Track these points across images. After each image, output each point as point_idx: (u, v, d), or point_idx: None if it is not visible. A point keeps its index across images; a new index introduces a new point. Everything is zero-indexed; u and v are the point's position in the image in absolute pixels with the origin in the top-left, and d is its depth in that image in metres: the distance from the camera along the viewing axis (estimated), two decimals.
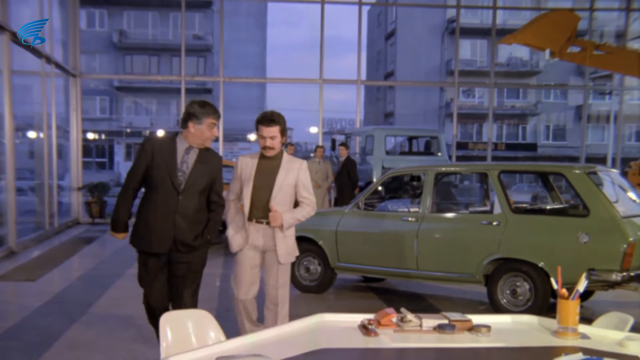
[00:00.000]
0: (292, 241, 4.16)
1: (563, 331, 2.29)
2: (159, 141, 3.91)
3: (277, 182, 4.01)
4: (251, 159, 4.12)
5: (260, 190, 4.02)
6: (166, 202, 3.77)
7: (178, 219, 3.79)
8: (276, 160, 4.06)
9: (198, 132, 3.78)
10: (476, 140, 34.50)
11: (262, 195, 4.02)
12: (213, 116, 3.80)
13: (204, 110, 3.77)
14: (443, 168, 7.31)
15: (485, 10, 29.82)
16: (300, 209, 4.08)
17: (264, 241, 4.09)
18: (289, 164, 4.06)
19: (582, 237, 5.36)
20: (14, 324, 5.36)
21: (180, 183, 3.77)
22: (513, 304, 5.70)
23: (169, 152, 3.80)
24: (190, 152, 3.83)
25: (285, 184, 4.02)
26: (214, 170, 3.92)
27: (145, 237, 3.84)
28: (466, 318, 2.40)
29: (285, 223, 3.99)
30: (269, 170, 4.04)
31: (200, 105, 3.80)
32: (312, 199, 4.10)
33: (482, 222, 5.99)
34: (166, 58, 34.55)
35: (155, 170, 3.77)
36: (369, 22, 39.25)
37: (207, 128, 3.79)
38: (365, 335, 2.28)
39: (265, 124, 3.95)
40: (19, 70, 10.16)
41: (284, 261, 4.09)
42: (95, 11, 34.15)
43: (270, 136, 3.95)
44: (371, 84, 39.22)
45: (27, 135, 13.64)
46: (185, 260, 3.86)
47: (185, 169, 3.80)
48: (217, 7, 30.83)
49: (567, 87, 33.96)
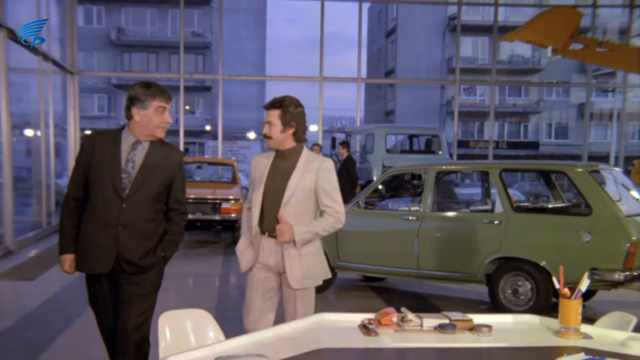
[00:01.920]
0: (311, 261, 3.24)
1: (565, 331, 2.27)
2: (100, 137, 3.17)
3: (289, 185, 3.18)
4: (265, 158, 3.35)
5: (273, 196, 3.22)
6: (106, 211, 3.04)
7: (121, 233, 3.05)
8: (293, 158, 3.26)
9: (144, 120, 3.06)
10: (477, 138, 34.48)
11: (275, 202, 3.21)
12: (161, 97, 3.08)
13: (149, 91, 3.07)
14: (444, 167, 7.29)
15: (486, 7, 29.76)
16: (321, 221, 3.21)
17: (275, 260, 3.24)
18: (307, 163, 3.23)
19: (584, 236, 5.34)
20: (12, 323, 5.34)
21: (124, 187, 3.03)
22: (514, 303, 5.68)
23: (110, 148, 3.09)
24: (137, 148, 3.10)
25: (300, 187, 3.18)
26: (170, 169, 3.17)
27: (82, 256, 3.12)
28: (467, 318, 2.39)
29: (297, 238, 3.13)
30: (282, 171, 3.25)
31: (144, 86, 3.09)
32: (337, 208, 3.21)
33: (484, 221, 5.97)
34: (165, 55, 34.50)
35: (94, 172, 3.06)
36: (370, 19, 39.26)
37: (155, 114, 3.06)
38: (366, 335, 2.26)
39: (266, 107, 3.28)
40: (15, 68, 10.14)
41: (297, 286, 3.19)
42: (92, 8, 34.04)
43: (267, 121, 3.24)
44: (372, 81, 39.20)
45: (24, 134, 13.62)
46: (132, 282, 3.11)
47: (131, 170, 3.07)
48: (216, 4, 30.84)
49: (569, 84, 33.90)
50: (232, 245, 10.37)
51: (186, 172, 13.24)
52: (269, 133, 3.23)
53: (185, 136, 15.35)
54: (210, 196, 10.12)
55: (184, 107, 15.61)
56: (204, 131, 34.43)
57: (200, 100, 35.94)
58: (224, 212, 9.97)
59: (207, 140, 34.76)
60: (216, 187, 10.97)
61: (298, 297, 3.21)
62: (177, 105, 16.07)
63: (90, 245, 3.08)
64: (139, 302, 3.10)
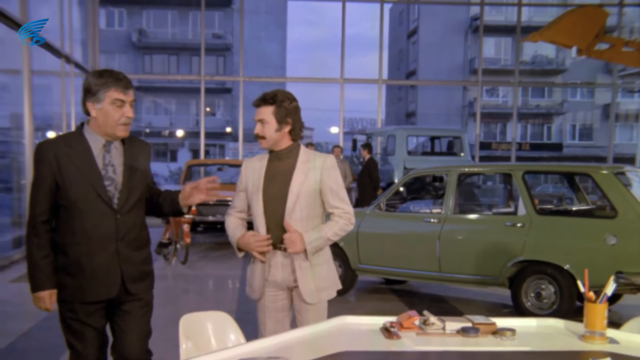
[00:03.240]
0: (324, 271, 2.93)
1: (591, 335, 2.24)
2: (60, 143, 2.64)
3: (291, 189, 2.83)
4: (258, 161, 2.97)
5: (274, 203, 2.86)
6: (101, 227, 2.61)
7: (121, 248, 2.65)
8: (290, 158, 2.90)
9: (101, 116, 2.59)
10: (500, 140, 34.17)
11: (277, 210, 2.85)
12: (116, 87, 2.58)
13: (101, 80, 2.57)
14: (466, 168, 7.23)
15: (510, 7, 29.53)
16: (331, 224, 2.88)
17: (283, 275, 2.89)
18: (307, 162, 2.89)
19: (609, 239, 5.26)
20: (34, 325, 5.40)
21: (111, 196, 2.63)
22: (537, 307, 5.61)
23: (81, 155, 2.61)
24: (111, 150, 2.67)
25: (305, 190, 2.84)
26: (146, 165, 2.83)
27: (80, 284, 2.62)
28: (490, 321, 2.36)
29: (309, 247, 2.80)
30: (280, 174, 2.89)
31: (96, 75, 2.60)
32: (347, 208, 2.91)
33: (506, 224, 5.91)
34: (185, 57, 34.74)
35: (70, 186, 2.57)
36: (391, 20, 39.16)
37: (112, 107, 2.58)
38: (388, 338, 2.25)
39: (256, 104, 2.91)
40: (38, 71, 10.26)
41: (313, 300, 2.87)
42: (114, 10, 34.45)
43: (259, 119, 2.87)
44: (393, 83, 39.09)
45: (47, 136, 13.79)
46: (135, 298, 2.72)
47: (113, 174, 2.65)
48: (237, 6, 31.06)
49: (594, 85, 33.45)
50: None
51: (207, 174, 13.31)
52: (261, 132, 2.87)
53: (206, 138, 15.45)
54: (231, 198, 10.15)
55: (205, 109, 15.71)
56: (224, 133, 34.62)
57: (220, 102, 36.15)
58: None
59: (227, 142, 34.95)
60: None
61: (311, 312, 2.88)
62: (198, 107, 16.17)
63: (89, 270, 2.60)
64: (141, 316, 2.74)
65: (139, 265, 2.73)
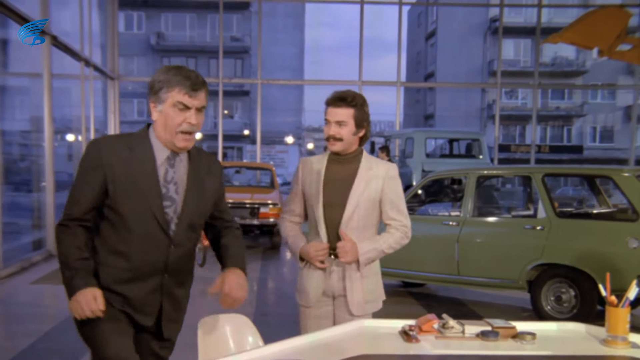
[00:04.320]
0: (372, 284, 2.81)
1: (613, 340, 2.20)
2: (121, 143, 2.20)
3: (352, 196, 2.71)
4: (317, 163, 2.81)
5: (331, 209, 2.74)
6: (148, 255, 2.19)
7: (167, 281, 2.27)
8: (353, 163, 2.77)
9: (161, 120, 2.16)
10: (519, 142, 33.91)
11: (334, 216, 2.73)
12: (181, 87, 2.11)
13: (166, 76, 2.14)
14: (485, 171, 7.18)
15: (529, 9, 29.29)
16: (387, 236, 2.76)
17: (333, 282, 2.78)
18: (369, 170, 2.75)
19: (631, 242, 5.19)
20: (53, 327, 5.44)
21: (169, 221, 2.20)
22: (557, 310, 5.55)
23: (143, 163, 2.17)
24: (175, 164, 2.22)
25: (365, 199, 2.72)
26: (215, 186, 2.36)
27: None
28: (510, 325, 2.33)
29: (362, 258, 2.69)
30: (341, 179, 2.75)
31: (163, 70, 2.19)
32: (404, 221, 2.79)
33: (526, 227, 5.86)
34: (204, 60, 34.97)
35: (121, 198, 2.14)
36: (409, 22, 39.08)
37: (173, 110, 2.13)
38: (406, 342, 2.23)
39: (332, 104, 2.71)
40: (58, 74, 10.38)
41: (358, 312, 2.74)
42: (133, 13, 34.79)
43: (337, 121, 2.69)
44: (411, 85, 38.98)
45: (66, 138, 13.95)
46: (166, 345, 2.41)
47: (175, 195, 2.21)
48: (255, 9, 31.19)
49: (615, 87, 33.06)
50: (269, 250, 10.42)
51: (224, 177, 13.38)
52: (338, 134, 2.68)
53: (224, 140, 15.52)
54: (249, 201, 10.20)
55: (223, 112, 15.79)
56: (242, 135, 34.80)
57: (238, 105, 36.34)
58: (262, 216, 10.04)
59: (245, 144, 35.13)
60: (254, 192, 11.05)
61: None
62: (216, 110, 16.25)
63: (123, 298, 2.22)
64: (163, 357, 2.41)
65: (179, 303, 2.36)
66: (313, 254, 2.73)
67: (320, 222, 2.74)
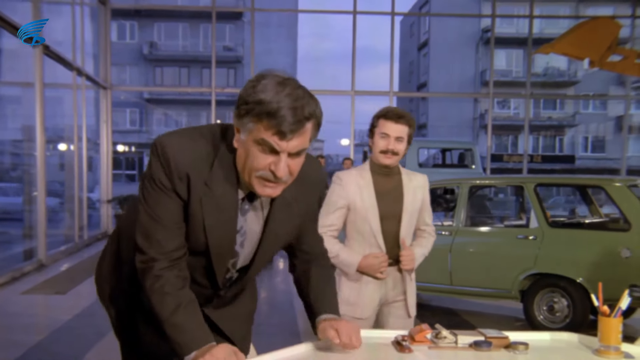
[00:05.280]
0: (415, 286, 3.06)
1: (605, 350, 2.20)
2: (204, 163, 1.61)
3: (405, 207, 2.89)
4: (360, 177, 2.89)
5: (387, 220, 2.88)
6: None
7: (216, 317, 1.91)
8: (396, 175, 2.93)
9: (241, 151, 1.58)
10: (511, 152, 34.05)
11: (390, 227, 2.88)
12: (271, 121, 1.48)
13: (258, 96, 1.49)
14: (477, 181, 7.20)
15: (521, 20, 29.53)
16: (426, 242, 3.07)
17: (395, 291, 2.96)
18: (411, 181, 2.95)
19: (623, 252, 5.21)
20: (45, 337, 5.39)
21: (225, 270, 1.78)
22: (550, 320, 5.56)
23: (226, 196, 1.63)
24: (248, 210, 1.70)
25: (413, 209, 2.92)
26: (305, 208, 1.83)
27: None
28: (503, 335, 2.33)
29: (416, 264, 2.98)
30: (390, 191, 2.89)
31: (260, 88, 1.50)
32: (432, 226, 3.14)
33: (518, 237, 5.87)
34: (196, 70, 34.94)
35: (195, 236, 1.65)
36: (402, 33, 39.26)
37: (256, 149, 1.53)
38: (399, 352, 2.23)
39: (393, 119, 2.80)
40: (50, 83, 10.34)
41: (413, 313, 3.02)
42: (125, 23, 34.68)
43: (397, 136, 2.80)
44: (404, 95, 39.10)
45: (58, 148, 13.89)
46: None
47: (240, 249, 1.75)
48: (247, 19, 31.29)
49: (607, 97, 33.30)
50: None
51: None
52: (396, 149, 2.81)
53: None
54: None
55: (216, 121, 15.78)
56: None
57: (231, 114, 36.06)
58: None
59: None
60: None
61: (408, 326, 2.72)
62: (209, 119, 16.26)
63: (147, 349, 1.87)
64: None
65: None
66: (378, 266, 2.84)
67: (378, 234, 2.85)
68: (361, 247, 2.89)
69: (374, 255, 2.85)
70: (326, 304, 2.00)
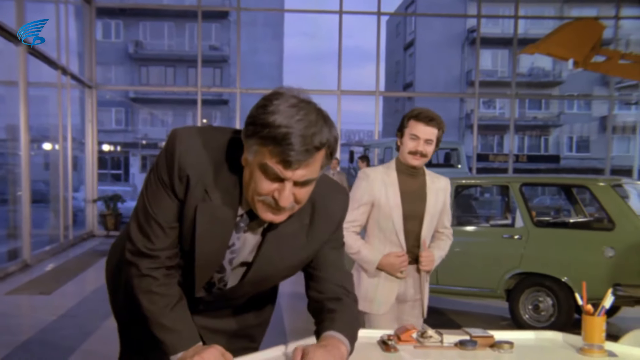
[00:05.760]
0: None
1: (589, 348, 2.22)
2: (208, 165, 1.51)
3: (428, 208, 2.91)
4: (385, 174, 2.90)
5: (410, 219, 2.89)
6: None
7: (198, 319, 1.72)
8: (420, 176, 2.95)
9: (246, 171, 1.47)
10: (497, 152, 34.28)
11: (411, 227, 2.90)
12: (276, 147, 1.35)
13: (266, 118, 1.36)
14: (463, 180, 7.23)
15: (506, 20, 29.70)
16: (444, 245, 3.09)
17: (405, 288, 3.02)
18: (434, 183, 2.97)
19: (607, 252, 5.25)
20: (29, 338, 5.35)
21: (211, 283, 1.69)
22: (535, 319, 5.60)
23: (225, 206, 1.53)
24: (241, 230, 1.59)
25: (435, 210, 2.95)
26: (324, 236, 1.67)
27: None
28: (488, 334, 2.34)
29: (434, 265, 3.02)
30: (414, 191, 2.91)
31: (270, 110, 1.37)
32: (451, 230, 3.16)
33: (504, 236, 5.90)
34: (182, 69, 34.80)
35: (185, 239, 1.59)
36: (388, 32, 39.34)
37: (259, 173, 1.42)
38: (385, 351, 2.23)
39: (424, 121, 2.81)
40: (35, 82, 10.25)
41: (425, 314, 3.13)
42: (111, 22, 34.47)
43: (427, 139, 2.82)
44: (390, 95, 39.20)
45: (43, 147, 13.77)
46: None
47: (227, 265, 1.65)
48: (233, 18, 31.14)
49: (591, 97, 33.62)
50: None
51: None
52: (425, 151, 2.83)
53: None
54: None
55: (202, 121, 15.72)
56: None
57: (217, 114, 36.22)
58: None
59: None
60: None
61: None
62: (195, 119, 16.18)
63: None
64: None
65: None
66: (399, 265, 2.89)
67: (400, 232, 2.88)
68: (382, 244, 2.92)
69: (396, 254, 2.89)
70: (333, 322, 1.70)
